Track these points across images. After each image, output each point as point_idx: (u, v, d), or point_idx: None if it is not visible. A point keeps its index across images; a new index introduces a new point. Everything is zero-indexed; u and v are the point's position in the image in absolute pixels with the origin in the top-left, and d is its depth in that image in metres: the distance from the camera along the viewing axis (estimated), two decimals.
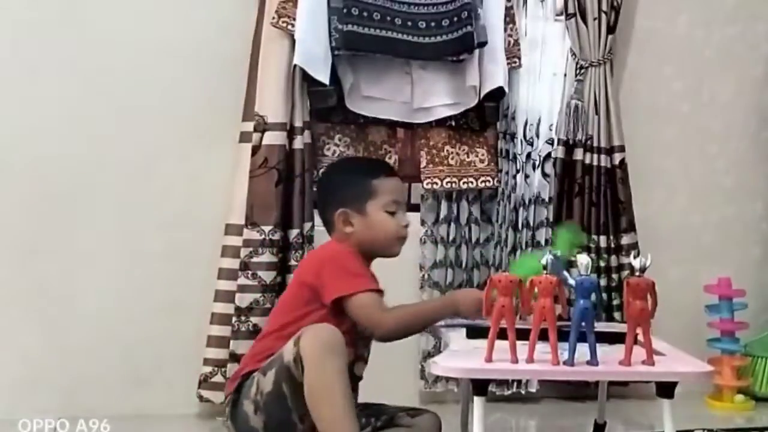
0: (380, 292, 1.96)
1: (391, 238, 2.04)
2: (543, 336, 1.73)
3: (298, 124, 2.83)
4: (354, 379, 1.98)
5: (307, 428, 1.81)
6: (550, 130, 3.17)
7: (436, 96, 2.99)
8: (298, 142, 2.82)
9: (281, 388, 1.81)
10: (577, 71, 3.15)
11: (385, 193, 2.04)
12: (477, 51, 2.93)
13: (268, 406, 1.84)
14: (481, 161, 3.06)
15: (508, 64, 3.01)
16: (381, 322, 1.94)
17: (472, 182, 3.04)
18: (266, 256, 2.74)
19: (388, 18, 2.86)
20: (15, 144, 2.70)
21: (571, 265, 2.88)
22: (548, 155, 3.15)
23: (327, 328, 1.81)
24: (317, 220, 2.81)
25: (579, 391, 3.03)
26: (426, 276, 3.02)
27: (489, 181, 3.05)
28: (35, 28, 2.72)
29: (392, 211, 2.03)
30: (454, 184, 3.02)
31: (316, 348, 1.76)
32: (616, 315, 3.08)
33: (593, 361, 1.74)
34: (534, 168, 3.14)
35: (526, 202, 3.11)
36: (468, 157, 3.06)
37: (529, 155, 3.13)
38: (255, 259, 2.73)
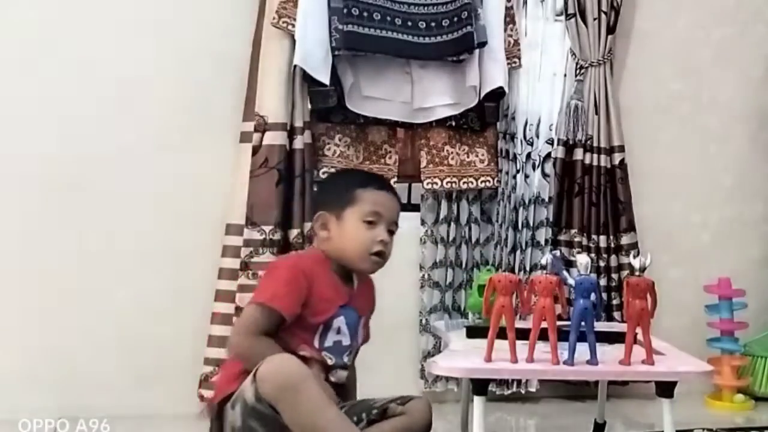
0: (275, 312, 1.85)
1: (360, 250, 1.94)
2: (543, 336, 1.74)
3: (298, 124, 2.83)
4: (332, 386, 1.96)
5: None
6: (550, 130, 3.17)
7: (436, 96, 3.00)
8: (299, 142, 2.82)
9: (249, 423, 1.78)
10: (577, 71, 3.16)
11: (366, 202, 1.94)
12: (477, 51, 2.93)
13: None
14: (481, 161, 3.06)
15: (508, 64, 3.01)
16: (233, 337, 1.93)
17: (472, 182, 3.04)
18: (266, 256, 2.74)
19: (388, 18, 2.86)
20: (15, 144, 2.70)
21: (570, 264, 2.89)
22: (548, 155, 3.15)
23: (281, 365, 1.76)
24: None
25: (579, 391, 3.03)
26: (426, 276, 3.02)
27: (489, 181, 3.06)
28: (35, 28, 2.72)
29: (371, 221, 1.93)
30: (454, 184, 3.02)
31: (279, 393, 1.72)
32: (616, 315, 3.08)
33: (593, 360, 1.74)
34: (534, 168, 3.14)
35: (526, 202, 3.11)
36: (468, 157, 3.06)
37: (529, 155, 3.13)
38: (255, 259, 2.73)
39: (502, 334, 1.75)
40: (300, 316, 1.89)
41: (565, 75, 3.19)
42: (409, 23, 2.89)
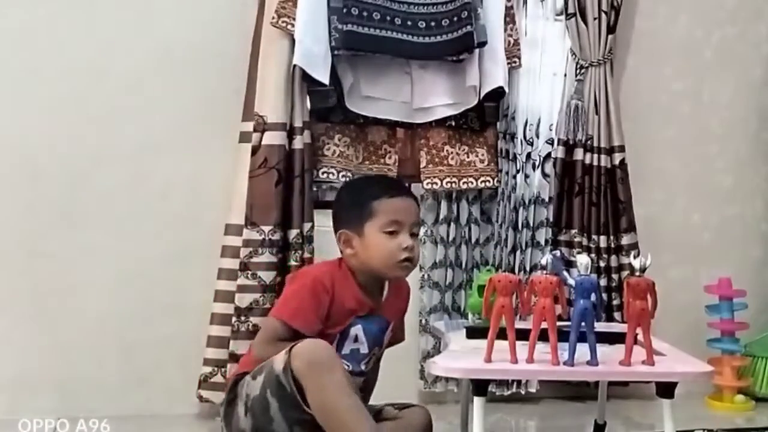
0: (291, 328, 1.90)
1: (387, 260, 1.96)
2: (543, 336, 1.73)
3: (297, 124, 2.82)
4: None
5: None
6: (550, 130, 3.17)
7: (435, 96, 2.99)
8: (298, 142, 2.82)
9: (266, 395, 1.81)
10: (577, 71, 3.15)
11: (383, 213, 1.96)
12: (477, 51, 2.93)
13: (254, 410, 1.84)
14: (481, 161, 3.06)
15: (508, 64, 3.00)
16: (255, 348, 1.97)
17: (472, 182, 3.04)
18: (266, 257, 2.74)
19: (388, 18, 2.86)
20: (15, 144, 2.70)
21: (570, 265, 2.89)
22: (548, 155, 3.15)
23: (317, 345, 1.80)
24: (317, 220, 2.82)
25: (579, 391, 3.03)
26: (426, 276, 3.01)
27: (489, 181, 3.05)
28: (34, 28, 2.72)
29: (391, 231, 1.96)
30: (454, 184, 3.02)
31: (309, 369, 1.75)
32: (616, 315, 3.08)
33: (593, 361, 1.74)
34: (534, 168, 3.14)
35: (526, 202, 3.10)
36: (468, 157, 3.06)
37: (529, 155, 3.13)
38: (255, 259, 2.73)
39: (502, 334, 1.75)
40: None
41: (565, 75, 3.19)
42: (409, 23, 2.88)
